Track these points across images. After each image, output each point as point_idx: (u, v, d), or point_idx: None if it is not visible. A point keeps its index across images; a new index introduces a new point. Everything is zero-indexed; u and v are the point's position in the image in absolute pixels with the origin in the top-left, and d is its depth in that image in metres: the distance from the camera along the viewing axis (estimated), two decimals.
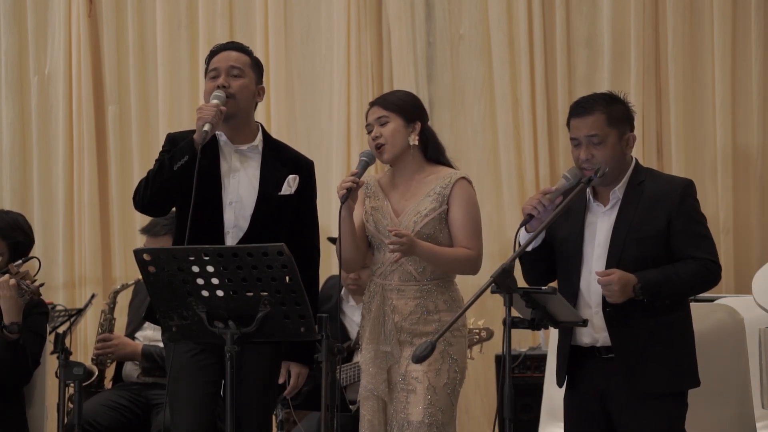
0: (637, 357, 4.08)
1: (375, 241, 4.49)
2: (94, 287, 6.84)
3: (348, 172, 6.64)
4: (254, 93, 4.44)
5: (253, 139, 4.44)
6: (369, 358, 4.45)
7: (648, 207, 4.12)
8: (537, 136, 6.48)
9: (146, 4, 7.03)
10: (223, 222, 4.34)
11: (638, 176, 4.19)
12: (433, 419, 4.35)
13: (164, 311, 3.94)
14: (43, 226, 6.99)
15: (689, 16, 6.35)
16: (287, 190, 4.41)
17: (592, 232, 4.18)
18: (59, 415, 4.28)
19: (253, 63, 4.47)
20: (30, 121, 7.12)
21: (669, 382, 4.09)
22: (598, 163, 4.11)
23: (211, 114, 4.25)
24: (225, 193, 4.36)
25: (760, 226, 6.31)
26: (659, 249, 4.09)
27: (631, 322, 4.07)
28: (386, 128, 4.46)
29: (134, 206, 4.41)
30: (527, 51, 6.48)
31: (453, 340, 4.42)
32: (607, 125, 4.13)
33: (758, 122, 6.26)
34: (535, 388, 5.47)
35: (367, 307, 4.50)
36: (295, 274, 3.80)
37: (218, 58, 4.43)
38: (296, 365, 4.43)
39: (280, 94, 6.84)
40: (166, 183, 4.28)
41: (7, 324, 4.80)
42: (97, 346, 5.91)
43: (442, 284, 4.45)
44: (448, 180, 4.45)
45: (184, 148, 4.27)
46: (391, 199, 4.50)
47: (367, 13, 6.70)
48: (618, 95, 4.24)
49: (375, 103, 4.55)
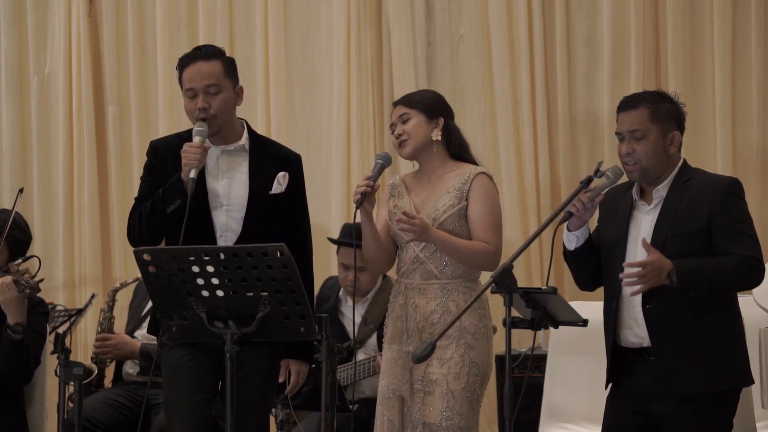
0: (675, 356, 4.04)
1: (398, 240, 4.49)
2: (94, 287, 6.83)
3: (347, 172, 6.70)
4: (234, 100, 4.39)
5: (239, 138, 4.41)
6: (392, 358, 4.43)
7: (691, 204, 4.09)
8: (537, 136, 6.48)
9: (146, 4, 7.02)
10: (214, 226, 4.32)
11: (684, 175, 4.16)
12: (451, 423, 4.33)
13: (164, 311, 3.94)
14: (43, 226, 6.99)
15: (689, 16, 6.34)
16: (278, 188, 4.38)
17: (636, 230, 4.16)
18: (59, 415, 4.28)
19: (226, 68, 4.38)
20: (30, 121, 7.12)
21: (706, 382, 4.03)
22: (638, 158, 4.11)
23: (197, 158, 4.22)
24: (214, 196, 4.33)
25: (760, 226, 6.29)
26: (701, 246, 4.05)
27: (672, 320, 4.02)
28: (408, 124, 4.47)
29: (128, 241, 4.40)
30: (527, 51, 6.48)
31: (474, 343, 4.38)
32: (650, 121, 4.13)
33: (758, 122, 6.25)
34: (535, 388, 5.47)
35: (391, 306, 4.49)
36: (295, 274, 3.80)
37: (191, 74, 4.34)
38: (296, 362, 4.42)
39: (280, 94, 6.83)
40: (161, 226, 4.29)
41: (12, 324, 4.80)
42: (96, 344, 5.92)
43: (465, 283, 4.42)
44: (467, 176, 4.44)
45: (175, 191, 4.23)
46: (414, 197, 4.50)
47: (367, 13, 6.70)
48: (669, 95, 4.24)
49: (398, 102, 4.57)
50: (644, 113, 4.14)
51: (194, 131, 4.31)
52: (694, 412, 4.04)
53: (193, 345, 4.24)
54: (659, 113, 4.15)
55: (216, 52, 4.38)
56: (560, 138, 6.45)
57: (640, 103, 4.17)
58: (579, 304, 4.31)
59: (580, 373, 5.16)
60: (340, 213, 6.63)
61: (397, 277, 4.50)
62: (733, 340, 4.13)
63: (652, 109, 4.14)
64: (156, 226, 4.29)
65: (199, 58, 4.35)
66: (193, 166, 4.21)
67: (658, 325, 4.06)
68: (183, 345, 4.22)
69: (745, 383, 4.15)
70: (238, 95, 4.42)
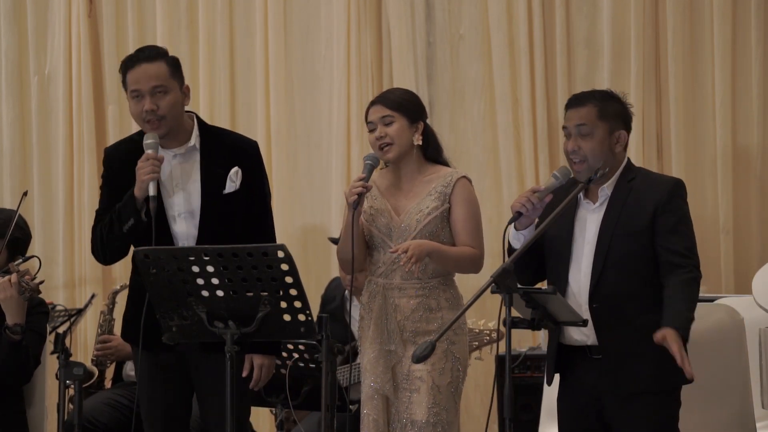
0: (622, 355, 4.06)
1: (375, 241, 4.49)
2: (94, 287, 6.83)
3: (347, 172, 6.70)
4: (182, 100, 4.32)
5: (188, 138, 4.34)
6: (373, 358, 4.45)
7: (636, 203, 4.12)
8: (537, 136, 6.48)
9: (146, 4, 7.02)
10: (173, 236, 4.28)
11: (629, 174, 4.19)
12: (438, 418, 4.36)
13: (164, 311, 3.94)
14: (43, 226, 6.99)
15: (689, 16, 6.34)
16: (231, 186, 4.30)
17: (582, 229, 4.18)
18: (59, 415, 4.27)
19: (172, 69, 4.31)
20: (30, 121, 7.12)
21: (654, 380, 4.06)
22: (584, 156, 4.12)
23: (152, 171, 4.17)
24: (171, 206, 4.29)
25: (760, 226, 6.31)
26: (646, 245, 4.09)
27: (619, 319, 4.06)
28: (392, 128, 4.45)
29: (95, 259, 4.43)
30: (527, 51, 6.48)
31: (455, 339, 4.43)
32: (597, 118, 4.14)
33: (758, 122, 6.25)
34: (535, 388, 5.48)
35: (367, 307, 4.50)
36: (296, 274, 3.80)
37: (136, 75, 4.26)
38: (259, 357, 4.32)
39: (280, 94, 6.83)
40: (121, 243, 4.29)
41: (11, 325, 4.80)
42: (97, 347, 5.91)
43: (444, 282, 4.46)
44: (449, 179, 4.46)
45: (129, 210, 4.21)
46: (390, 199, 4.50)
47: (367, 13, 6.70)
48: (617, 94, 4.25)
49: (377, 101, 4.53)
50: (592, 110, 4.15)
51: (145, 144, 4.24)
52: (644, 411, 4.05)
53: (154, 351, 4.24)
54: (607, 111, 4.15)
55: (160, 53, 4.32)
56: (560, 138, 6.41)
57: (588, 100, 4.18)
58: None
59: None
60: (340, 213, 6.61)
61: (371, 278, 4.50)
62: None
63: (600, 107, 4.15)
64: (115, 244, 4.29)
65: (143, 60, 4.27)
66: (150, 180, 4.17)
67: (605, 324, 4.08)
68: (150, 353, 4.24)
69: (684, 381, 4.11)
70: (186, 95, 4.34)
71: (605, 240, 4.10)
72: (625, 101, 4.24)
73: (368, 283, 4.52)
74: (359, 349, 4.60)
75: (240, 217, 4.31)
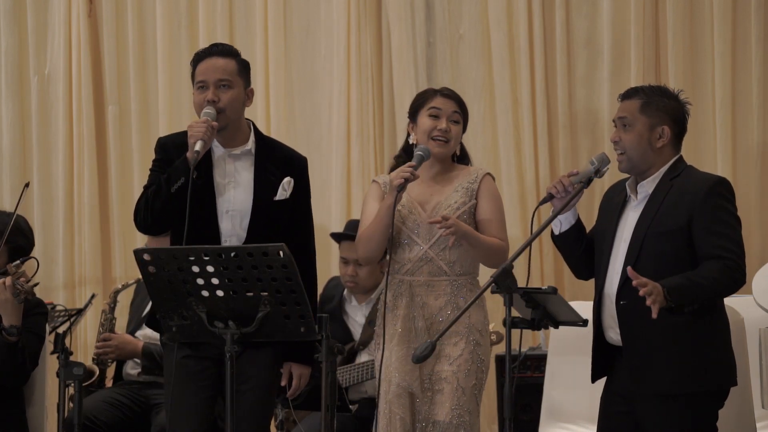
0: (646, 355, 4.01)
1: (401, 237, 4.51)
2: (94, 287, 6.83)
3: (347, 172, 6.70)
4: (244, 100, 4.41)
5: (245, 141, 4.42)
6: (402, 356, 4.43)
7: (674, 202, 4.06)
8: (537, 136, 6.48)
9: (146, 4, 7.02)
10: (220, 231, 4.33)
11: (673, 172, 4.13)
12: (461, 420, 4.37)
13: (164, 311, 3.94)
14: (43, 226, 6.98)
15: (689, 16, 6.34)
16: (282, 194, 4.39)
17: (623, 226, 4.16)
18: (59, 415, 4.28)
19: (241, 67, 4.41)
20: (30, 121, 7.12)
21: (676, 383, 4.00)
22: (624, 147, 4.13)
23: (203, 131, 4.23)
24: (221, 202, 4.35)
25: (760, 226, 6.31)
26: (680, 245, 4.02)
27: (645, 318, 3.90)
28: (456, 128, 4.58)
29: (136, 227, 4.43)
30: (527, 51, 6.48)
31: (482, 341, 4.45)
32: (639, 111, 4.13)
33: (758, 122, 6.25)
34: (535, 388, 5.47)
35: (392, 306, 4.49)
36: (296, 274, 3.80)
37: (205, 67, 4.36)
38: (298, 366, 4.42)
39: (280, 94, 6.83)
40: (166, 206, 4.29)
41: (7, 327, 4.80)
42: (98, 345, 5.91)
43: (471, 280, 4.51)
44: (475, 176, 4.57)
45: (179, 169, 4.26)
46: (412, 194, 4.52)
47: (367, 13, 6.70)
48: (670, 90, 4.22)
49: (452, 96, 4.67)
50: (635, 104, 4.15)
51: (203, 111, 4.31)
52: (668, 414, 4.00)
53: (194, 345, 4.25)
54: (651, 106, 4.14)
55: (232, 52, 4.43)
56: (560, 138, 6.45)
57: (636, 94, 4.19)
58: (579, 304, 4.31)
59: (580, 373, 5.13)
60: (339, 213, 6.63)
61: (397, 276, 4.50)
62: (712, 342, 4.06)
63: (644, 101, 4.15)
64: (160, 206, 4.29)
65: (215, 54, 4.39)
66: (198, 138, 4.22)
67: (629, 323, 4.04)
68: (184, 345, 4.22)
69: (721, 387, 4.07)
70: (248, 97, 4.43)
71: (638, 238, 4.06)
72: (679, 98, 4.20)
73: (391, 282, 4.51)
74: (375, 345, 4.56)
75: (284, 224, 4.38)
